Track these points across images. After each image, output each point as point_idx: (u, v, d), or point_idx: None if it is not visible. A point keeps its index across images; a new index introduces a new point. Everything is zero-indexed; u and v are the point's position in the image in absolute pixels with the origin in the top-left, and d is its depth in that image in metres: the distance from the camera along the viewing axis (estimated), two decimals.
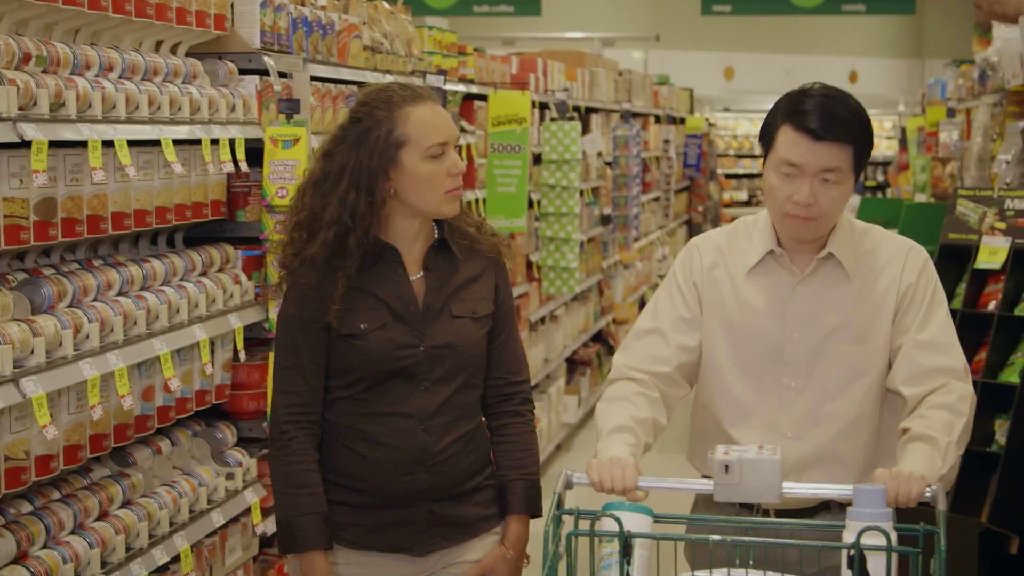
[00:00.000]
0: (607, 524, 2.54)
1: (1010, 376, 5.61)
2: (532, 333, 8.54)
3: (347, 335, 3.13)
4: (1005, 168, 7.48)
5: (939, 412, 2.97)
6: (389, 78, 5.48)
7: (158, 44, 4.03)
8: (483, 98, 7.26)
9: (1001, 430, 5.59)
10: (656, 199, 14.46)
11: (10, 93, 3.03)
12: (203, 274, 4.09)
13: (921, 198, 10.92)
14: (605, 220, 10.92)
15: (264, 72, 4.34)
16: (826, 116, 3.00)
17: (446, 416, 3.19)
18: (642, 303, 12.87)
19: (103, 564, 3.44)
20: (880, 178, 25.15)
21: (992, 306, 5.77)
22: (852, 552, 2.46)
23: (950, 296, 5.74)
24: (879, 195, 21.90)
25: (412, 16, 6.18)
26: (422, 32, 6.31)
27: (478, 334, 3.24)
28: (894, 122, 26.22)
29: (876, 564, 2.46)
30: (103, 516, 3.53)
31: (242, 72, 4.30)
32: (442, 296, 3.20)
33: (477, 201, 7.01)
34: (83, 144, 3.40)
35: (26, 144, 3.10)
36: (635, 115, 12.34)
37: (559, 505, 2.71)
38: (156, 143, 3.75)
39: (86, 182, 3.46)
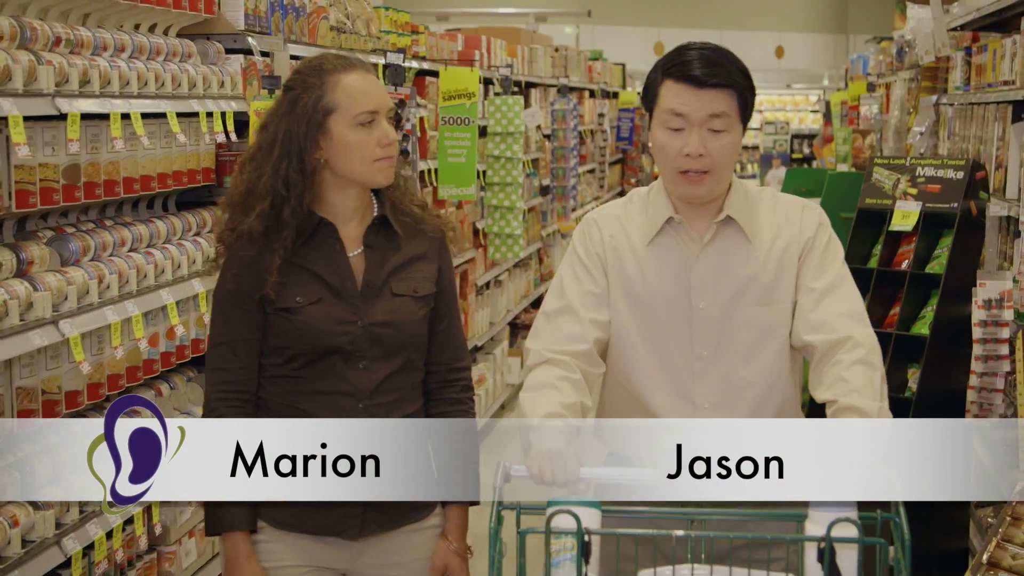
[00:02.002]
0: (560, 516, 2.45)
1: (921, 328, 6.10)
2: (479, 297, 9.02)
3: (283, 309, 3.08)
4: (919, 139, 8.00)
5: (856, 371, 2.89)
6: (353, 56, 5.93)
7: (152, 26, 4.46)
8: (434, 74, 7.72)
9: (913, 378, 6.08)
10: (591, 171, 14.95)
11: (49, 72, 3.47)
12: (197, 234, 4.54)
13: (843, 168, 11.46)
14: (544, 190, 11.40)
15: (248, 51, 4.78)
16: (706, 63, 2.97)
17: (387, 396, 3.13)
18: None
19: None
20: (806, 150, 25.77)
21: (905, 265, 6.24)
22: (822, 545, 2.38)
23: (867, 256, 6.23)
24: (805, 166, 22.50)
25: None
26: (379, 12, 6.75)
27: (419, 313, 3.18)
28: (819, 96, 26.83)
29: (845, 556, 2.39)
30: None
31: (228, 51, 4.73)
32: (382, 274, 3.15)
33: (430, 171, 7.47)
34: (98, 116, 3.83)
35: (60, 116, 3.54)
36: (571, 89, 12.81)
37: (499, 500, 2.57)
38: (158, 115, 4.18)
39: (103, 150, 3.89)
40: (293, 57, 5.10)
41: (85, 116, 3.72)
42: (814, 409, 3.02)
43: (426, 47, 7.68)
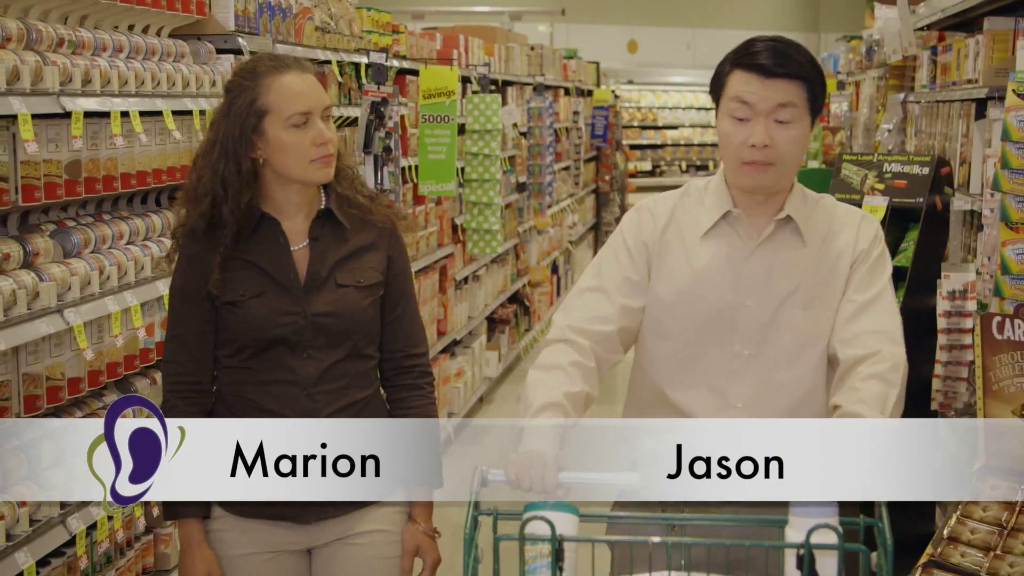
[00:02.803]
0: (534, 523, 2.41)
1: None
2: (457, 291, 9.20)
3: (228, 302, 3.18)
4: (887, 136, 8.21)
5: (870, 384, 2.87)
6: (336, 56, 6.10)
7: (145, 27, 4.61)
8: (414, 72, 7.88)
9: None
10: (566, 168, 15.13)
11: (54, 72, 3.63)
12: None
13: (814, 164, 11.68)
14: (521, 187, 11.59)
15: (238, 51, 4.93)
16: (776, 54, 2.96)
17: (333, 383, 3.21)
18: (554, 267, 13.58)
19: None
20: None
21: None
22: (801, 552, 2.33)
23: None
24: None
25: None
26: (361, 13, 6.92)
27: (364, 302, 3.24)
28: None
29: (825, 562, 2.35)
30: None
31: (219, 52, 4.89)
32: (327, 265, 3.22)
33: (410, 167, 7.64)
34: (97, 113, 3.98)
35: (65, 115, 3.70)
36: (547, 87, 12.99)
37: (476, 505, 2.52)
38: (152, 113, 4.33)
39: (102, 146, 4.05)
40: None
41: (86, 114, 3.87)
42: None
43: (406, 46, 7.85)
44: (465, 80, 9.46)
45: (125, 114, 4.03)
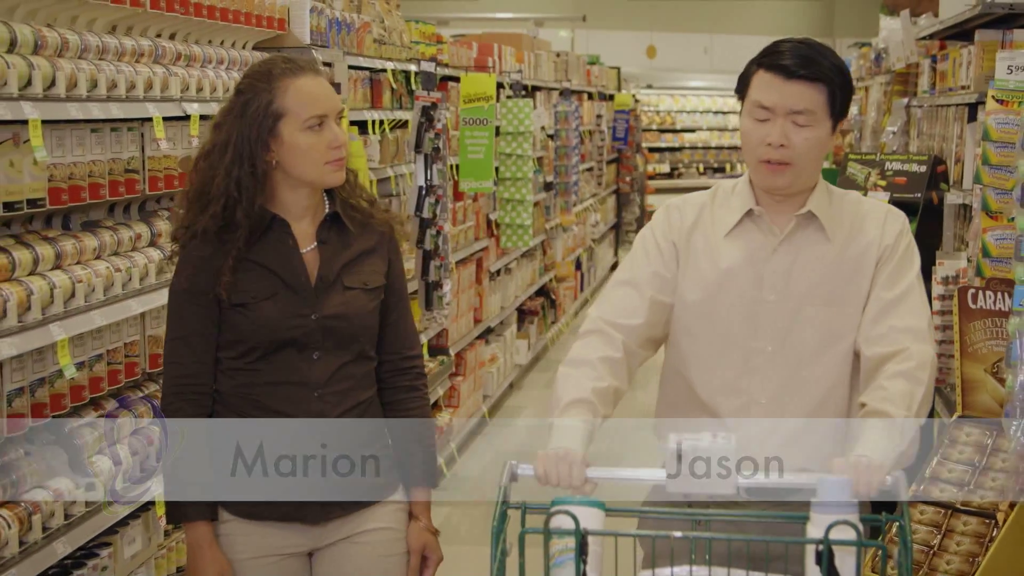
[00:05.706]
0: (558, 517, 2.44)
1: None
2: (492, 282, 9.87)
3: (237, 304, 3.15)
4: (892, 138, 8.79)
5: (897, 382, 2.85)
6: (391, 65, 6.77)
7: (233, 41, 5.28)
8: (454, 79, 8.55)
9: None
10: (590, 169, 15.73)
11: (177, 82, 4.32)
12: None
13: (825, 164, 12.25)
14: (548, 187, 12.22)
15: None
16: (798, 56, 2.96)
17: (341, 385, 3.20)
18: (578, 263, 14.22)
19: None
20: None
21: None
22: (820, 548, 2.35)
23: None
24: None
25: None
26: (410, 25, 7.60)
27: (370, 305, 3.25)
28: None
29: (844, 559, 2.36)
30: None
31: None
32: (335, 268, 3.21)
33: (452, 167, 8.30)
34: (202, 116, 4.66)
35: (183, 117, 4.38)
36: (572, 92, 13.62)
37: (505, 499, 2.56)
38: None
39: None
40: (350, 67, 5.94)
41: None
42: None
43: (448, 55, 8.52)
44: (499, 85, 10.11)
45: None
